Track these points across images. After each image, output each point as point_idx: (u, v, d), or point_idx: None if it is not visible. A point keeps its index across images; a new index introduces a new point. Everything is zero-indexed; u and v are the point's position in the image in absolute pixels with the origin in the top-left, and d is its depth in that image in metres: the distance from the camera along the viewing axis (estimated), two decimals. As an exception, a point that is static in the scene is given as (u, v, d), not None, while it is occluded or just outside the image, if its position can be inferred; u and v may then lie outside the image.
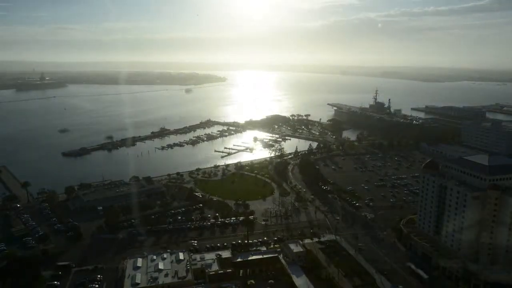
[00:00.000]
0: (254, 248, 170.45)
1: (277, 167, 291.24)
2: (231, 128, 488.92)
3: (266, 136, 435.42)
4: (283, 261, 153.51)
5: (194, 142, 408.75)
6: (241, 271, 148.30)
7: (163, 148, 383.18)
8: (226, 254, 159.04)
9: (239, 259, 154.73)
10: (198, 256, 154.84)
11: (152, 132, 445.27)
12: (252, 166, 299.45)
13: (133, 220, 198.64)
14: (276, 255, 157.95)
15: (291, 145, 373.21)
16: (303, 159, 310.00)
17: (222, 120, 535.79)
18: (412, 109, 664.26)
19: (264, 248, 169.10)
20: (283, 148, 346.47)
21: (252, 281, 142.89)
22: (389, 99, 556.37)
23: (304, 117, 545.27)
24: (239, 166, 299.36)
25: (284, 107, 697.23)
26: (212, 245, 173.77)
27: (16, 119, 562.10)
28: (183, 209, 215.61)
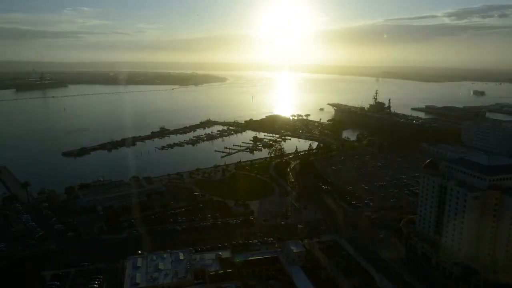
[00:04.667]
0: (254, 248, 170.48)
1: (277, 167, 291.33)
2: (231, 128, 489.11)
3: (266, 136, 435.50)
4: (283, 261, 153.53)
5: (194, 142, 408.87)
6: (241, 271, 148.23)
7: (163, 148, 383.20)
8: (226, 254, 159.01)
9: (239, 259, 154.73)
10: (198, 256, 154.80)
11: (152, 132, 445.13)
12: (252, 166, 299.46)
13: (133, 220, 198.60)
14: (276, 255, 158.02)
15: (291, 145, 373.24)
16: (303, 159, 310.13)
17: (222, 120, 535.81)
18: (412, 109, 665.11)
19: (264, 248, 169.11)
20: (283, 148, 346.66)
21: (252, 281, 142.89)
22: (389, 99, 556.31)
23: (304, 117, 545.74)
24: (239, 166, 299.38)
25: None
26: (212, 245, 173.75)
27: (15, 119, 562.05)
28: (183, 209, 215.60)
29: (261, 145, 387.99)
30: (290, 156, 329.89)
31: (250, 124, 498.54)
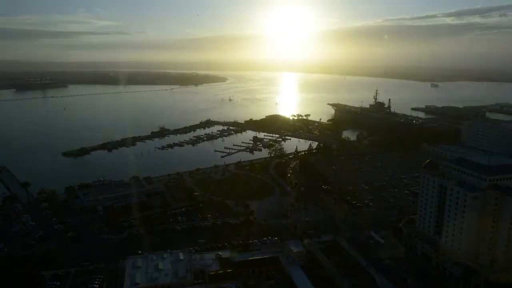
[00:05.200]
0: (254, 248, 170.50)
1: (277, 167, 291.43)
2: (231, 128, 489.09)
3: (266, 136, 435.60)
4: (283, 261, 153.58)
5: (194, 142, 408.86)
6: (241, 271, 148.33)
7: (163, 148, 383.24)
8: (226, 254, 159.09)
9: (239, 259, 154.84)
10: (198, 256, 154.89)
11: (152, 132, 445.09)
12: (252, 166, 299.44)
13: (133, 220, 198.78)
14: (276, 255, 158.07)
15: (291, 145, 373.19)
16: (303, 159, 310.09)
17: (222, 120, 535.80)
18: (412, 109, 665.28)
19: (264, 248, 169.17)
20: (283, 148, 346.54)
21: (252, 281, 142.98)
22: (389, 99, 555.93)
23: (304, 117, 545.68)
24: (239, 166, 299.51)
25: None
26: (212, 245, 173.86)
27: (15, 119, 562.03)
28: (183, 209, 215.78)
29: (261, 145, 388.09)
30: (290, 156, 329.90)
31: (250, 124, 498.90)
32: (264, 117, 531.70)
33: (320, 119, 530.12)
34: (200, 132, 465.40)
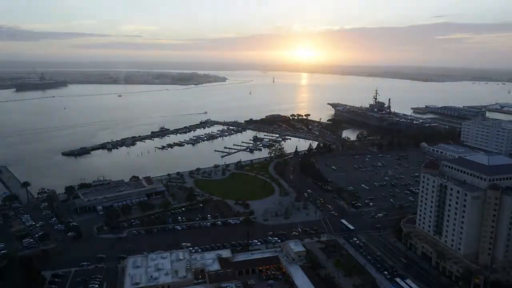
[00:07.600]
0: (254, 248, 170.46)
1: (277, 167, 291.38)
2: (231, 127, 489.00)
3: (266, 136, 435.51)
4: (283, 261, 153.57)
5: (194, 142, 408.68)
6: (241, 271, 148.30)
7: (163, 147, 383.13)
8: (226, 254, 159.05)
9: (239, 259, 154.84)
10: (198, 256, 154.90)
11: (152, 132, 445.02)
12: (252, 166, 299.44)
13: (133, 220, 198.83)
14: (276, 255, 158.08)
15: (291, 145, 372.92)
16: (303, 159, 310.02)
17: (222, 120, 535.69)
18: (412, 109, 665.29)
19: (264, 248, 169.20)
20: (283, 148, 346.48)
21: (252, 281, 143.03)
22: (389, 99, 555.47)
23: (304, 117, 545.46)
24: (239, 165, 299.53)
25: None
26: (212, 245, 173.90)
27: (15, 119, 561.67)
28: (183, 209, 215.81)
29: (261, 145, 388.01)
30: (290, 156, 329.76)
31: (250, 124, 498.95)
32: (264, 117, 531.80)
33: (320, 119, 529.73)
34: (200, 132, 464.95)
